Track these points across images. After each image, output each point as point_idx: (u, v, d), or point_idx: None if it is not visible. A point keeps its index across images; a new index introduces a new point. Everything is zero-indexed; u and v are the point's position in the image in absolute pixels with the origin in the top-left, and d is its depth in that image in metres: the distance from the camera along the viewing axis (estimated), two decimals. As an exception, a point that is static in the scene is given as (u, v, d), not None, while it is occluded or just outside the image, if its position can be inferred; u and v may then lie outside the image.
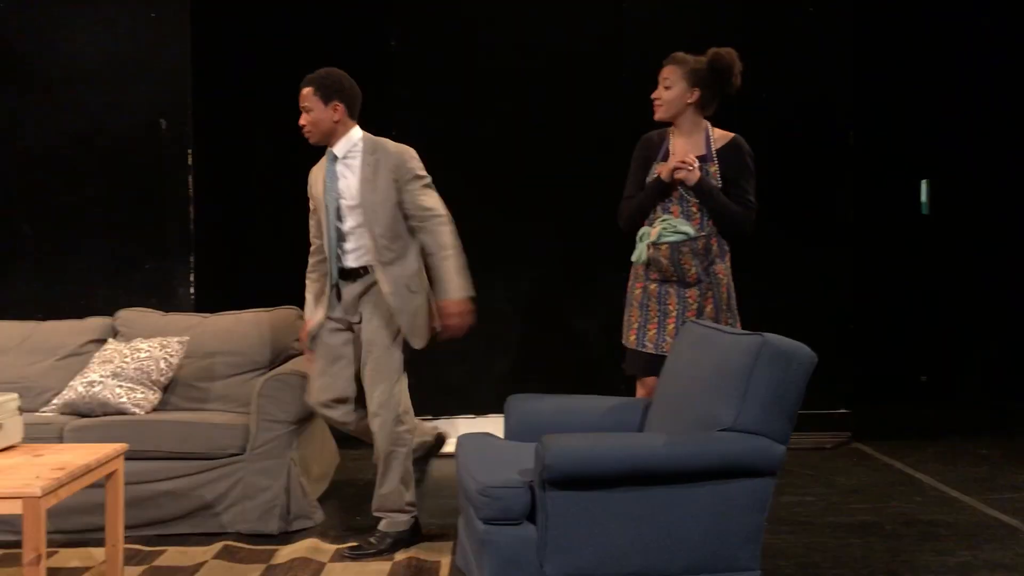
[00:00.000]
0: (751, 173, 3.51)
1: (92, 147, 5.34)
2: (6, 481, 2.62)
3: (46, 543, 2.62)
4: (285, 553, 3.46)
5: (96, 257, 5.30)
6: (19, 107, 5.32)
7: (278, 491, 3.73)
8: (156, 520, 3.73)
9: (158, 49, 5.32)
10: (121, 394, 3.88)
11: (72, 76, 5.31)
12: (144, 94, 5.33)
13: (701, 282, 3.44)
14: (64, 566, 3.35)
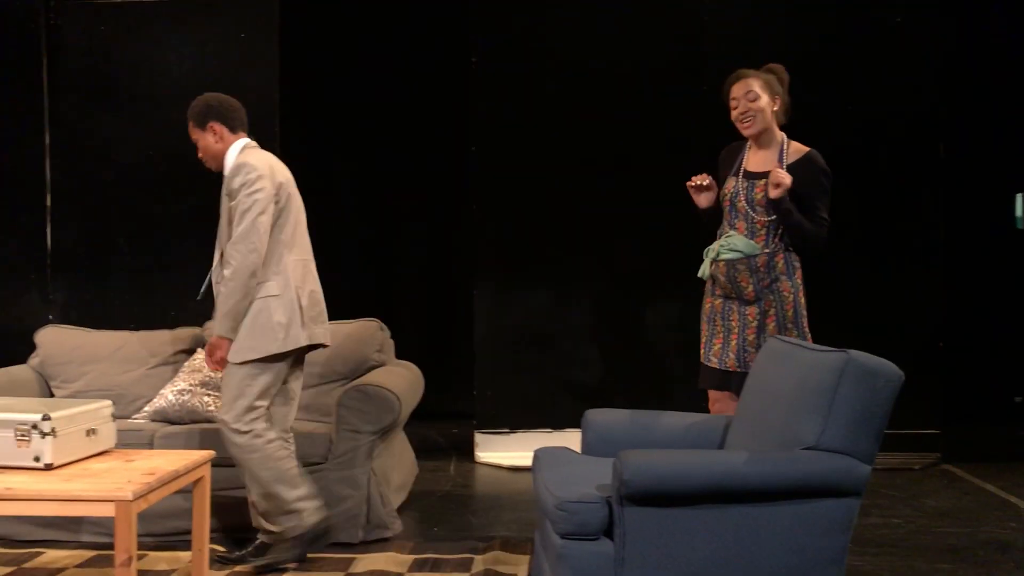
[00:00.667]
0: (823, 190, 3.42)
1: (184, 164, 5.51)
2: (100, 485, 2.72)
3: (136, 545, 2.70)
4: (364, 563, 3.50)
5: (188, 269, 5.47)
6: (117, 125, 5.55)
7: (358, 500, 3.78)
8: (240, 525, 3.81)
9: (247, 68, 5.49)
10: (209, 402, 3.99)
11: (166, 95, 5.52)
12: (233, 112, 5.49)
13: (761, 299, 3.42)
14: (153, 568, 3.45)
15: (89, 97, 5.56)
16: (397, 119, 6.48)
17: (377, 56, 6.43)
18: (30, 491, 2.68)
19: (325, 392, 4.23)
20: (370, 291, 6.50)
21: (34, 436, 2.85)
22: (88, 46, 5.56)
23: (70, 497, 2.67)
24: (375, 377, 4.04)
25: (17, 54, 5.57)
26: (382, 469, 3.96)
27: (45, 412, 2.87)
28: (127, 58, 5.55)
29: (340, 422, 3.84)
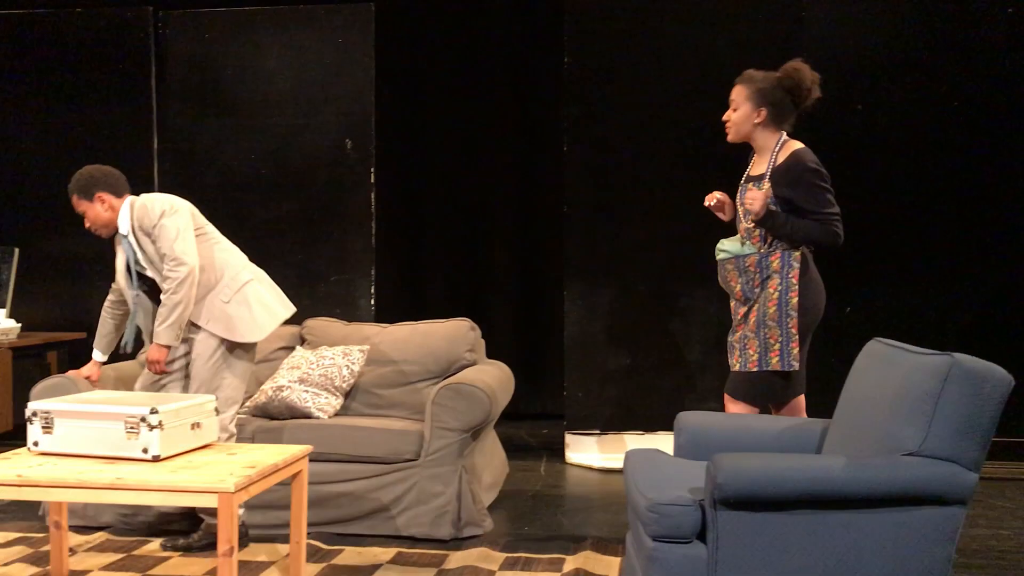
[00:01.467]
0: (813, 187, 3.38)
1: (284, 167, 5.70)
2: (203, 477, 2.82)
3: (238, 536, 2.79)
4: (456, 559, 3.54)
5: (287, 269, 5.64)
6: (221, 130, 5.75)
7: (450, 497, 3.82)
8: (335, 519, 3.90)
9: (344, 73, 5.62)
10: (307, 398, 4.10)
11: (267, 101, 5.70)
12: (331, 116, 5.64)
13: (749, 299, 3.48)
14: (252, 559, 3.55)
15: (194, 103, 5.78)
16: (490, 120, 6.52)
17: (470, 58, 6.49)
18: (138, 481, 2.79)
19: (418, 390, 4.30)
20: (462, 291, 6.57)
21: (142, 429, 2.97)
22: (193, 54, 5.78)
23: (175, 488, 2.78)
24: (467, 376, 4.08)
25: (128, 63, 5.83)
26: (473, 467, 4.00)
27: (153, 406, 2.99)
28: (230, 65, 5.74)
29: (432, 420, 3.89)
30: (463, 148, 6.58)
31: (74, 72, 5.86)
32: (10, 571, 3.42)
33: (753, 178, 3.54)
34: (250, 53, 5.73)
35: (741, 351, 3.49)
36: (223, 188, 5.74)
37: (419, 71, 6.49)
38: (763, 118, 3.48)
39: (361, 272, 5.61)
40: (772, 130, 3.51)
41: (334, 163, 5.65)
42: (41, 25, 5.88)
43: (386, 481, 3.89)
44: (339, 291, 5.63)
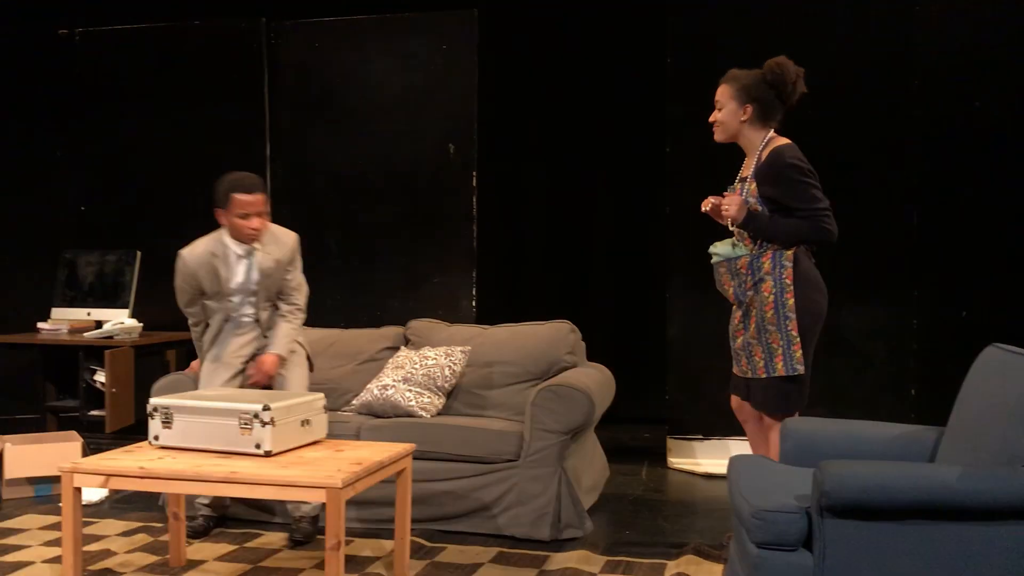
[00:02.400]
0: (794, 182, 3.32)
1: (390, 171, 5.83)
2: (313, 472, 2.91)
3: (344, 531, 2.87)
4: (557, 561, 3.55)
5: (391, 271, 5.76)
6: (330, 136, 5.92)
7: (550, 498, 3.84)
8: (438, 517, 3.96)
9: (449, 79, 5.71)
10: (411, 398, 4.17)
11: (373, 107, 5.84)
12: (435, 121, 5.74)
13: (743, 302, 3.44)
14: (358, 554, 3.64)
15: (304, 110, 5.96)
16: (592, 121, 6.52)
17: (573, 60, 6.50)
18: (251, 475, 2.90)
19: (518, 392, 4.33)
20: (562, 293, 6.58)
21: (255, 425, 3.08)
22: (303, 63, 5.96)
23: (286, 483, 2.87)
24: (567, 378, 4.09)
25: (242, 73, 6.05)
26: (573, 469, 4.00)
27: (266, 403, 3.10)
28: (338, 73, 5.90)
29: (532, 421, 3.91)
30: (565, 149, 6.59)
31: (192, 82, 6.12)
32: (132, 558, 3.60)
33: (743, 179, 3.48)
34: (357, 61, 5.88)
35: (748, 358, 3.44)
36: (331, 192, 5.91)
37: (521, 75, 6.54)
38: (749, 115, 3.44)
39: (463, 274, 5.69)
40: (759, 128, 3.45)
41: (438, 167, 5.74)
42: (162, 38, 6.16)
43: (487, 481, 3.93)
44: (442, 293, 5.72)
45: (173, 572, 3.43)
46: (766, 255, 3.38)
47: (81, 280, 6.07)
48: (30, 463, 4.55)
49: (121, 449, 3.26)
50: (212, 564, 3.52)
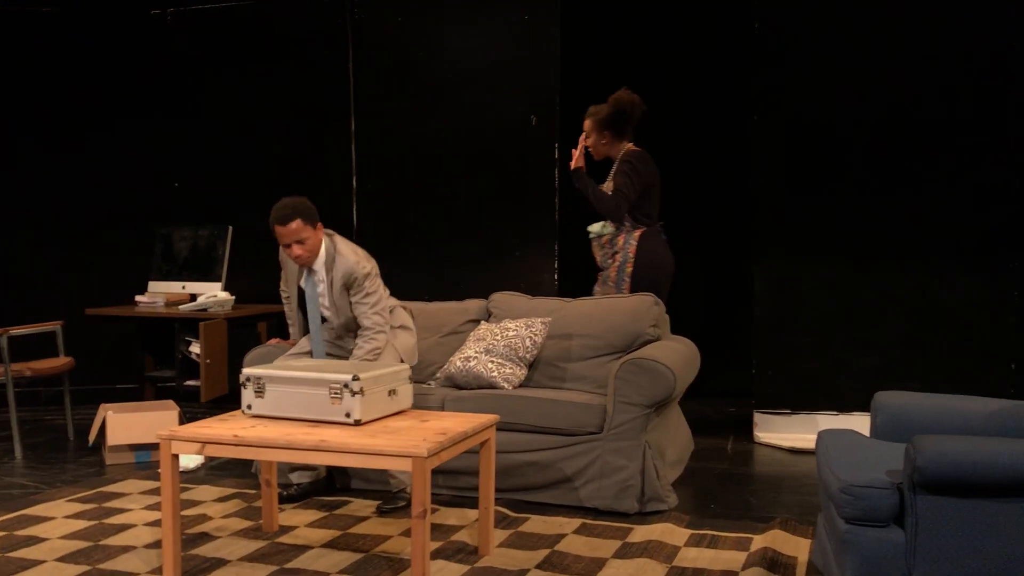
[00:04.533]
0: (623, 173, 4.64)
1: (471, 145, 5.84)
2: (399, 441, 2.96)
3: (430, 499, 2.92)
4: (640, 533, 3.55)
5: (473, 244, 5.79)
6: (411, 111, 5.96)
7: (633, 472, 3.83)
8: (521, 487, 4.00)
9: (530, 51, 5.67)
10: (492, 368, 4.20)
11: (455, 80, 5.85)
12: (517, 92, 5.72)
13: (605, 268, 4.74)
14: (444, 523, 3.70)
15: (387, 86, 6.01)
16: (675, 91, 6.41)
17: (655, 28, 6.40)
18: (341, 444, 2.97)
19: (601, 364, 4.32)
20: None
21: (345, 394, 3.15)
22: (385, 37, 6.01)
23: (374, 451, 2.93)
24: (650, 351, 4.06)
25: (326, 49, 6.13)
26: (657, 443, 3.98)
27: (355, 373, 3.16)
28: (419, 47, 5.93)
29: (615, 394, 3.90)
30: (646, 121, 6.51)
31: (278, 59, 6.23)
32: (227, 523, 3.73)
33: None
34: (439, 35, 5.90)
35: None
36: (413, 166, 5.96)
37: (603, 43, 6.46)
38: (608, 139, 4.76)
39: (545, 247, 5.68)
40: (617, 144, 4.77)
41: (519, 139, 5.73)
42: (249, 15, 6.28)
43: (570, 453, 3.95)
44: (523, 266, 5.73)
45: (266, 537, 3.55)
46: (621, 235, 4.66)
47: (176, 254, 6.27)
48: (131, 430, 4.74)
49: (216, 418, 3.37)
50: (303, 530, 3.62)
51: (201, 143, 6.44)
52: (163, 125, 6.51)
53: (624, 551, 3.36)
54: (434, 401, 4.11)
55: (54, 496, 4.14)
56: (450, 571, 3.17)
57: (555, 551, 3.36)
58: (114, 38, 6.46)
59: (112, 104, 6.48)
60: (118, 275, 6.37)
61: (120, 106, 6.49)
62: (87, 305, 6.02)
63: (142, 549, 3.42)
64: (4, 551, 3.39)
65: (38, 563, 3.27)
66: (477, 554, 3.34)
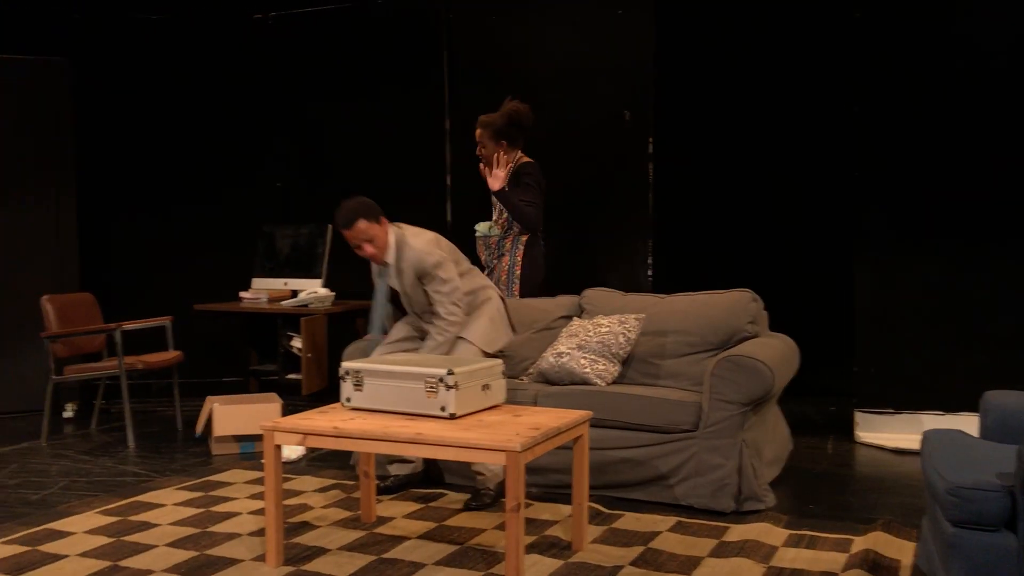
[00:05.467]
0: (525, 185, 4.81)
1: (563, 141, 5.84)
2: (493, 435, 2.98)
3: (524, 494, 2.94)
4: (737, 532, 3.50)
5: (564, 241, 5.78)
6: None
7: (730, 470, 3.78)
8: (614, 484, 3.98)
9: (623, 45, 5.64)
10: (585, 365, 4.20)
11: (548, 77, 5.86)
12: (610, 87, 5.69)
13: (490, 269, 4.90)
14: (537, 517, 3.72)
15: (481, 85, 6.06)
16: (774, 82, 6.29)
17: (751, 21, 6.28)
18: (437, 437, 3.01)
19: (696, 361, 4.27)
20: (743, 260, 6.42)
21: (440, 388, 3.20)
22: (479, 35, 6.06)
23: (468, 445, 2.97)
24: (747, 348, 3.99)
25: (422, 47, 6.22)
26: (754, 441, 3.92)
27: (450, 368, 3.21)
28: (512, 44, 5.96)
29: (711, 392, 3.85)
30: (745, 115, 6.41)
31: (375, 59, 6.35)
32: (327, 513, 3.83)
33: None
34: (531, 31, 5.91)
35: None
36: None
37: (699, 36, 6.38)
38: (504, 147, 4.84)
39: (639, 242, 5.64)
40: (511, 152, 4.86)
41: (613, 135, 5.70)
42: (347, 18, 6.42)
43: (664, 450, 3.91)
44: (617, 262, 5.70)
45: (364, 527, 3.62)
46: (508, 238, 4.87)
47: (278, 252, 6.46)
48: (236, 422, 4.91)
49: (316, 410, 3.46)
50: (400, 521, 3.69)
51: (301, 144, 6.62)
52: (265, 127, 6.71)
53: (720, 550, 3.32)
54: (527, 396, 4.13)
55: (164, 484, 4.31)
56: (544, 565, 3.18)
57: (649, 548, 3.34)
58: (219, 42, 6.68)
59: (216, 107, 6.71)
60: (224, 272, 6.59)
61: (224, 108, 6.71)
62: (195, 301, 6.26)
63: (246, 536, 3.54)
64: (119, 535, 3.56)
65: (150, 547, 3.42)
66: (571, 549, 3.34)
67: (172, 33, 6.65)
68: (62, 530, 3.63)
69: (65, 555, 3.34)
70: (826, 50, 6.12)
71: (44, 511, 3.92)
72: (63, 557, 3.32)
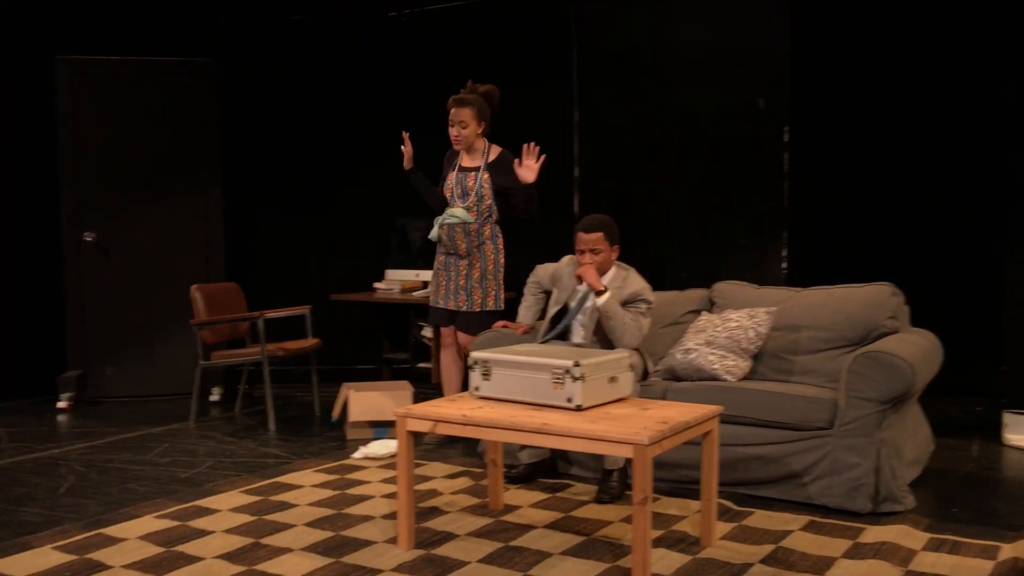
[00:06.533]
0: (508, 172, 4.72)
1: (696, 128, 5.76)
2: (620, 428, 2.98)
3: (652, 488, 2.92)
4: (873, 533, 3.38)
5: (695, 232, 5.71)
6: (635, 99, 5.95)
7: (866, 470, 3.65)
8: (745, 481, 3.91)
9: (758, 33, 5.51)
10: (714, 361, 4.13)
11: (679, 65, 5.78)
12: (744, 75, 5.57)
13: (470, 256, 4.83)
14: (665, 512, 3.69)
15: (611, 76, 6.03)
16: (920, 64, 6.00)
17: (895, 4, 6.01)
18: (562, 427, 3.03)
19: (832, 357, 4.14)
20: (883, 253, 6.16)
21: (567, 380, 3.21)
22: (609, 26, 6.02)
23: (595, 436, 2.97)
24: (886, 344, 3.85)
25: (550, 40, 6.23)
26: (893, 441, 3.77)
27: (576, 359, 3.22)
28: (643, 33, 5.91)
29: (848, 389, 3.72)
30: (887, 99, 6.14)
31: (504, 53, 6.40)
32: (456, 499, 3.91)
33: (467, 168, 4.86)
34: (663, 21, 5.84)
35: (467, 297, 4.83)
36: (635, 154, 5.95)
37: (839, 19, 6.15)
38: (483, 128, 4.83)
39: (772, 234, 5.51)
40: (481, 137, 4.84)
41: (746, 123, 5.58)
42: (478, 13, 6.50)
43: (797, 448, 3.81)
44: (749, 254, 5.58)
45: (491, 514, 3.68)
46: (487, 225, 4.83)
47: (411, 244, 6.62)
48: (370, 408, 5.07)
49: (446, 398, 3.53)
50: (527, 510, 3.73)
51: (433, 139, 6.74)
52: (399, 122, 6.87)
53: (855, 551, 3.21)
54: (655, 391, 4.10)
55: (302, 467, 4.50)
56: (671, 560, 3.16)
57: (780, 547, 3.27)
58: (355, 40, 6.89)
59: (352, 103, 6.91)
60: (359, 263, 6.80)
61: (360, 105, 6.91)
62: (332, 291, 6.48)
63: (379, 519, 3.65)
64: (260, 514, 3.74)
65: (289, 527, 3.57)
66: (699, 545, 3.31)
67: (311, 32, 6.89)
68: (208, 507, 3.83)
69: (212, 531, 3.53)
70: (975, 30, 5.80)
71: (192, 488, 4.15)
72: (209, 533, 3.51)
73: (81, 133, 6.40)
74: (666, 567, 3.09)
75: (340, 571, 3.09)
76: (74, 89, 6.38)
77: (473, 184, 4.80)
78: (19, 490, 4.16)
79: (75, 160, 6.40)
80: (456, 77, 6.61)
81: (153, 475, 4.42)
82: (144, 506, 3.86)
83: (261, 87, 6.91)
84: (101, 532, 3.52)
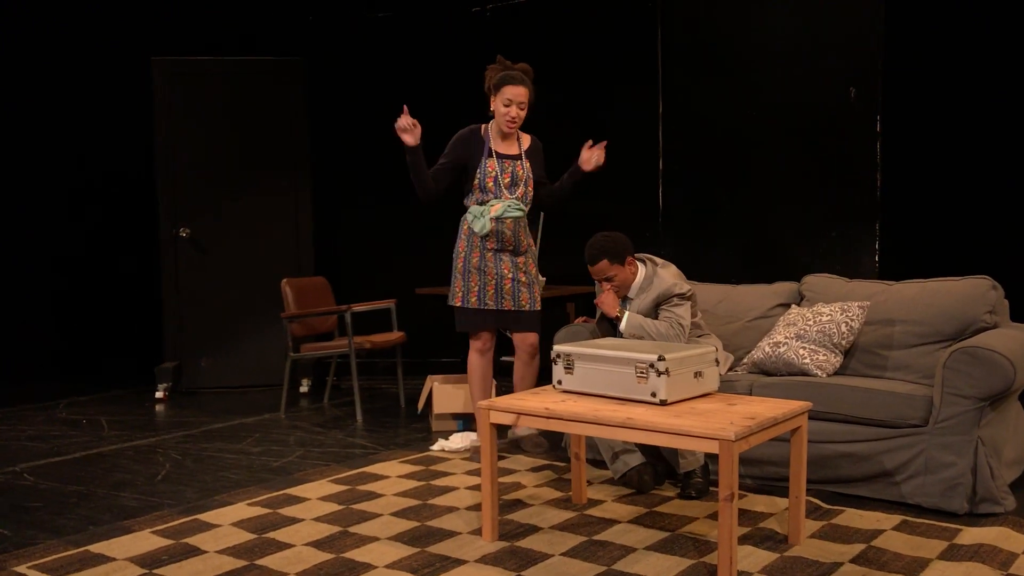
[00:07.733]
0: (544, 160, 4.67)
1: (784, 119, 5.64)
2: (705, 423, 2.94)
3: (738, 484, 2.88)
4: (970, 535, 3.27)
5: (786, 224, 5.59)
6: (722, 89, 5.85)
7: (963, 469, 3.52)
8: (835, 479, 3.82)
9: (849, 20, 5.36)
10: (804, 355, 4.04)
11: (768, 54, 5.67)
12: (834, 65, 5.43)
13: (526, 250, 4.62)
14: (751, 509, 3.63)
15: (697, 65, 5.95)
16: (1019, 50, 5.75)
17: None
18: (647, 422, 3.01)
19: (927, 353, 4.01)
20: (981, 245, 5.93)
21: (651, 374, 3.19)
22: (696, 17, 5.94)
23: (680, 431, 2.94)
24: (985, 339, 3.70)
25: (634, 33, 6.18)
26: (992, 439, 3.63)
27: (661, 353, 3.19)
28: (729, 22, 5.81)
29: (944, 385, 3.60)
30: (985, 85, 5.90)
31: (586, 47, 6.37)
32: (539, 492, 3.92)
33: (506, 156, 4.55)
34: (751, 9, 5.73)
35: (530, 295, 4.59)
36: (722, 144, 5.85)
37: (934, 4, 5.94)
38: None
39: (864, 226, 5.36)
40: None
41: (836, 113, 5.44)
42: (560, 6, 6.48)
43: (889, 446, 3.71)
44: (840, 246, 5.44)
45: (575, 508, 3.68)
46: (524, 218, 4.59)
47: (493, 238, 6.63)
48: (453, 400, 5.12)
49: (529, 391, 3.54)
50: (610, 505, 3.72)
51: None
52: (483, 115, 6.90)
53: (950, 553, 3.11)
54: (741, 387, 4.04)
55: (388, 457, 4.57)
56: (758, 557, 3.11)
57: (871, 547, 3.19)
58: (437, 35, 6.94)
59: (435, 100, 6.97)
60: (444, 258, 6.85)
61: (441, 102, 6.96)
62: (417, 285, 6.56)
63: (464, 511, 3.69)
64: (348, 503, 3.81)
65: (376, 516, 3.64)
66: (787, 543, 3.25)
67: (395, 29, 6.97)
68: (298, 495, 3.93)
69: (301, 519, 3.62)
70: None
71: (283, 477, 4.26)
72: (299, 520, 3.60)
73: (175, 132, 6.62)
74: (753, 564, 3.04)
75: (425, 560, 3.13)
76: (168, 89, 6.60)
77: (522, 173, 4.54)
78: (120, 476, 4.34)
79: (170, 158, 6.62)
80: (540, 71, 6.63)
81: (246, 463, 4.55)
82: (237, 493, 3.98)
83: (347, 84, 7.03)
84: (197, 518, 3.64)
